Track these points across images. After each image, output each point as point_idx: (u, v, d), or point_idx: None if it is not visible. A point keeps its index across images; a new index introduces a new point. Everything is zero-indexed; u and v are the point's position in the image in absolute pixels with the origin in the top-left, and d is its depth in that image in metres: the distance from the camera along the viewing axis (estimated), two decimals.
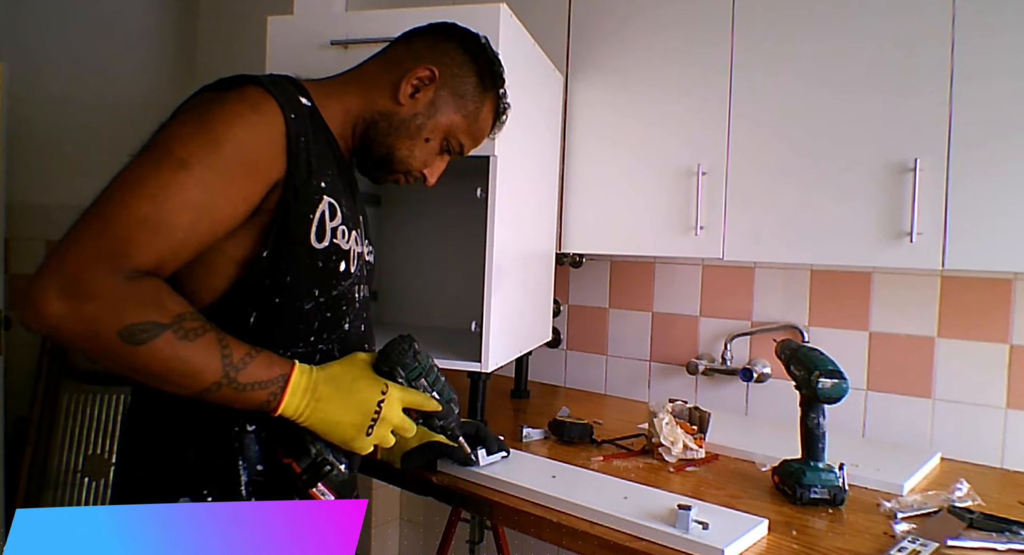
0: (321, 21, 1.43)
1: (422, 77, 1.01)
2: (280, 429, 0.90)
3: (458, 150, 1.09)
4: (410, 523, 2.53)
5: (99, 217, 0.77)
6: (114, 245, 0.76)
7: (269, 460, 0.90)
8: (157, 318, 0.76)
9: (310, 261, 0.91)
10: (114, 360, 0.76)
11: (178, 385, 0.80)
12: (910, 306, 1.65)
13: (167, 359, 0.77)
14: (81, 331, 0.74)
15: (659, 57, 1.68)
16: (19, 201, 2.40)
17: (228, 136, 0.83)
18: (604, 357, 2.14)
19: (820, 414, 1.23)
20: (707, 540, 1.00)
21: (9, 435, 2.34)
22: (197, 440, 0.88)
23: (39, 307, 0.73)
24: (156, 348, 0.76)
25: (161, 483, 0.88)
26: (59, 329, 0.73)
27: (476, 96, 1.06)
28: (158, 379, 0.79)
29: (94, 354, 0.76)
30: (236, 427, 0.89)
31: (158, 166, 0.80)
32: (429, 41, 1.05)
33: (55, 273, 0.74)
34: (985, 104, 1.31)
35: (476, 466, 1.28)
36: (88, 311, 0.73)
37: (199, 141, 0.82)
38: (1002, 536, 1.06)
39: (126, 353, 0.75)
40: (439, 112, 1.03)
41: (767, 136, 1.54)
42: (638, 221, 1.71)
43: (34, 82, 2.46)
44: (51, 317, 0.73)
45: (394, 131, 1.02)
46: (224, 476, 0.88)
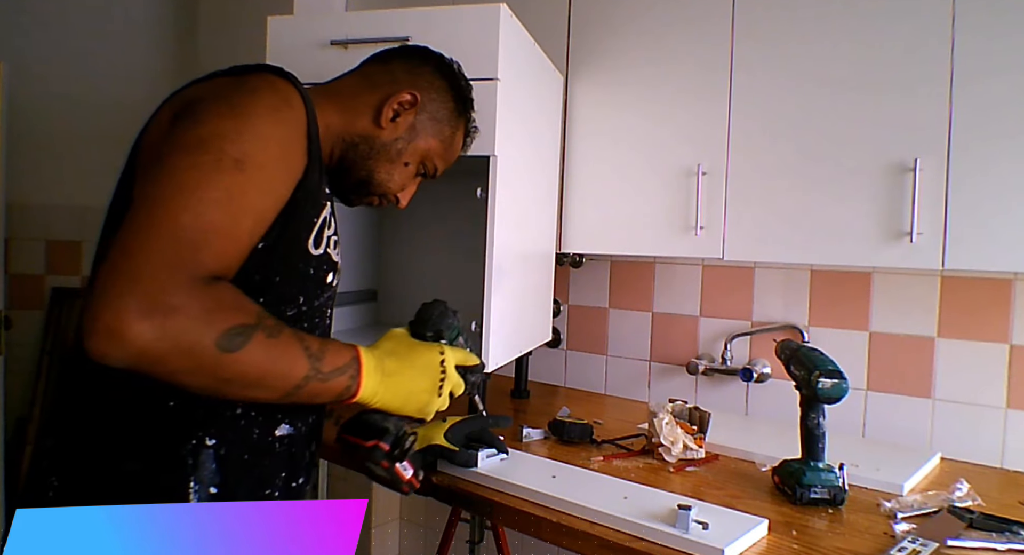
0: (321, 21, 1.43)
1: (404, 102, 1.00)
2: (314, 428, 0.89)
3: (432, 173, 1.09)
4: (410, 523, 2.53)
5: (166, 226, 0.70)
6: (188, 253, 0.70)
7: (225, 479, 0.82)
8: (244, 320, 0.72)
9: (303, 266, 0.88)
10: (211, 373, 0.71)
11: (272, 387, 0.76)
12: (910, 306, 1.65)
13: (262, 361, 0.74)
14: (174, 348, 0.67)
15: (659, 57, 1.68)
16: (19, 201, 2.40)
17: (272, 134, 0.80)
18: (604, 357, 2.14)
19: (820, 414, 1.23)
20: (707, 540, 1.00)
21: (9, 435, 2.34)
22: (140, 452, 0.79)
23: (121, 333, 0.64)
24: (251, 351, 0.72)
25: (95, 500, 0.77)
26: (148, 352, 0.66)
27: (452, 121, 1.07)
28: (252, 385, 0.74)
29: (185, 372, 0.70)
30: (194, 440, 0.81)
31: (217, 168, 0.74)
32: (407, 64, 1.04)
33: (129, 291, 0.65)
34: (985, 104, 1.31)
35: (475, 467, 1.28)
36: (178, 326, 0.67)
37: (248, 138, 0.77)
38: (1002, 536, 1.06)
39: (225, 362, 0.70)
40: (418, 136, 1.03)
41: (767, 136, 1.54)
42: (638, 221, 1.71)
43: (34, 82, 2.46)
44: (138, 340, 0.65)
45: (375, 154, 1.01)
46: (168, 496, 0.79)
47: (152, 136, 0.84)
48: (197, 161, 0.74)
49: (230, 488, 0.84)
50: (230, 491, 0.84)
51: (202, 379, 0.72)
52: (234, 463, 0.84)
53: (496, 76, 1.31)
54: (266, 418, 0.88)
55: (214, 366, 0.70)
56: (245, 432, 0.85)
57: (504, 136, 1.35)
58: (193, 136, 0.76)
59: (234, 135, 0.76)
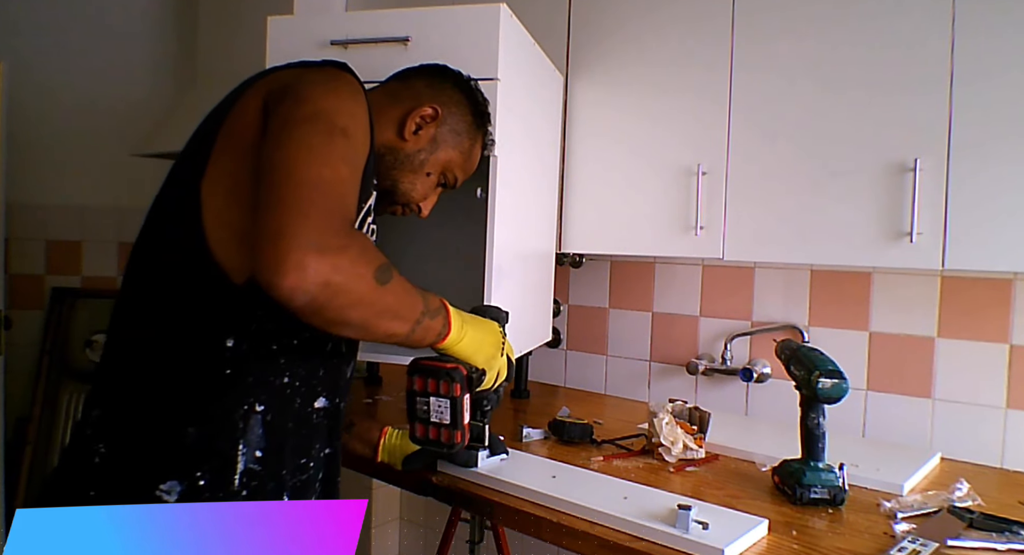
0: (321, 21, 1.43)
1: (426, 115, 1.06)
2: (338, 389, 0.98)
3: (452, 183, 1.15)
4: (410, 523, 2.53)
5: (311, 179, 0.78)
6: (337, 201, 0.79)
7: (270, 444, 0.89)
8: (383, 258, 0.82)
9: None
10: (371, 304, 0.80)
11: (405, 318, 0.87)
12: (910, 306, 1.65)
13: (401, 294, 0.84)
14: (347, 280, 0.76)
15: (659, 57, 1.68)
16: (19, 201, 2.40)
17: (358, 112, 0.88)
18: (604, 357, 2.14)
19: (820, 414, 1.23)
20: (707, 540, 1.00)
21: (9, 435, 2.34)
22: (200, 418, 0.85)
23: (304, 270, 0.72)
24: (394, 286, 0.83)
25: (144, 463, 0.84)
26: (330, 284, 0.74)
27: (471, 133, 1.13)
28: (395, 315, 0.85)
29: (352, 305, 0.78)
30: (245, 406, 0.87)
31: (332, 135, 0.83)
32: (428, 80, 1.11)
33: (303, 236, 0.73)
34: (985, 104, 1.31)
35: (475, 467, 1.28)
36: (349, 259, 0.76)
37: (345, 114, 0.86)
38: (1002, 536, 1.06)
39: (380, 294, 0.80)
40: (439, 148, 1.09)
41: (767, 136, 1.54)
42: (638, 221, 1.71)
43: (34, 82, 2.46)
44: (320, 274, 0.73)
45: (399, 165, 1.07)
46: (221, 458, 0.86)
47: (245, 119, 0.89)
48: (316, 129, 0.83)
49: (273, 453, 0.89)
50: (273, 455, 0.89)
51: (363, 312, 0.80)
52: (279, 430, 0.90)
53: (496, 76, 1.31)
54: (308, 390, 0.94)
55: (373, 298, 0.80)
56: (289, 401, 0.91)
57: (504, 136, 1.35)
58: (304, 111, 0.84)
59: (335, 111, 0.85)
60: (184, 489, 0.84)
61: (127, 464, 0.85)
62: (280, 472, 0.91)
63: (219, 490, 0.85)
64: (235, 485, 0.86)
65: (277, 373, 0.89)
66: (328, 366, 0.96)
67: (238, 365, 0.86)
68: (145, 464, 0.84)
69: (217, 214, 0.85)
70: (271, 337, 0.88)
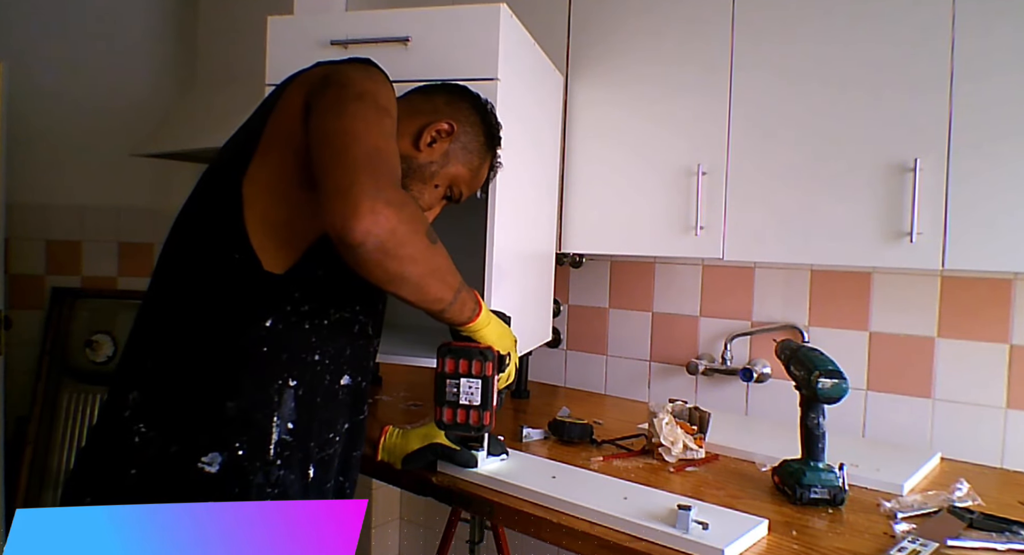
0: (321, 21, 1.43)
1: (442, 129, 1.10)
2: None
3: (457, 197, 1.18)
4: (410, 523, 2.53)
5: (370, 147, 0.84)
6: (392, 168, 0.86)
7: (301, 417, 0.94)
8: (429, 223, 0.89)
9: None
10: (426, 261, 0.86)
11: (448, 285, 0.94)
12: (910, 306, 1.65)
13: (446, 258, 0.92)
14: (410, 232, 0.82)
15: (659, 57, 1.68)
16: (19, 201, 2.40)
17: (392, 98, 0.97)
18: (604, 357, 2.14)
19: (820, 414, 1.23)
20: (707, 540, 1.00)
21: (9, 435, 2.34)
22: (239, 392, 0.90)
23: (377, 215, 0.78)
24: (440, 248, 0.90)
25: (185, 438, 0.89)
26: (395, 232, 0.80)
27: (481, 153, 1.17)
28: (442, 277, 0.92)
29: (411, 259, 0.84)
30: (279, 381, 0.93)
31: (378, 112, 0.90)
32: (447, 97, 1.16)
33: (374, 188, 0.80)
34: (985, 104, 1.31)
35: (475, 467, 1.28)
36: (409, 213, 0.83)
37: (384, 96, 0.94)
38: (1002, 536, 1.06)
39: (433, 253, 0.88)
40: (450, 162, 1.13)
41: (767, 136, 1.54)
42: (638, 221, 1.71)
43: (34, 82, 2.46)
44: (390, 220, 0.79)
45: (410, 174, 1.09)
46: (258, 430, 0.91)
47: (290, 114, 0.94)
48: (367, 106, 0.90)
49: (303, 425, 0.95)
50: (303, 428, 0.95)
51: (419, 268, 0.86)
52: (308, 404, 0.96)
53: (496, 76, 1.31)
54: (336, 367, 1.00)
55: (428, 255, 0.87)
56: (319, 377, 0.97)
57: (504, 136, 1.34)
58: (352, 92, 0.91)
59: (377, 92, 0.93)
60: (224, 459, 0.89)
61: (169, 441, 0.89)
62: (308, 443, 0.96)
63: (256, 459, 0.91)
64: (271, 454, 0.92)
65: (309, 351, 0.95)
66: (355, 346, 1.02)
67: (275, 343, 0.92)
68: (187, 439, 0.89)
69: (258, 210, 0.91)
70: (305, 317, 0.95)
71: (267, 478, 0.91)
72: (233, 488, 0.89)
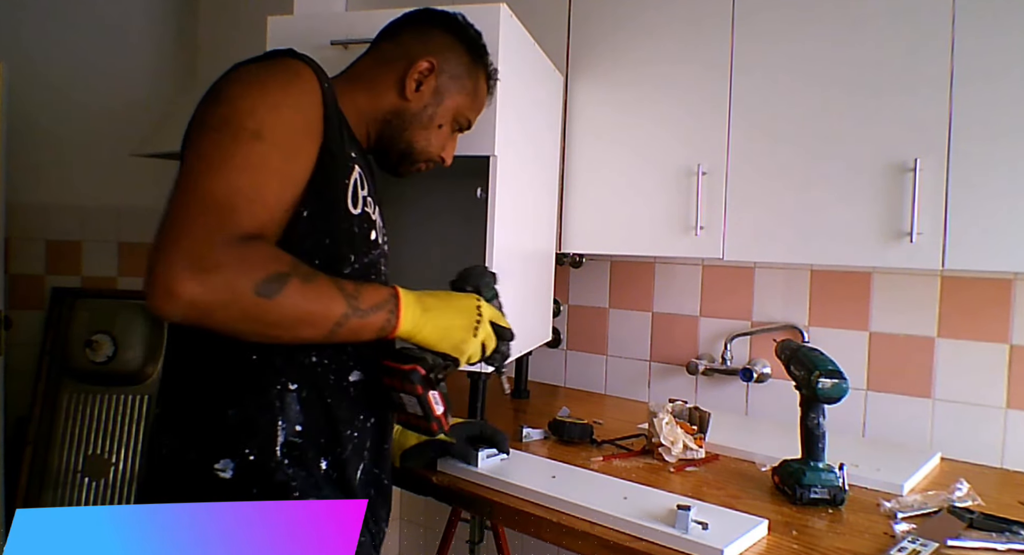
0: (321, 21, 1.43)
1: (422, 70, 1.06)
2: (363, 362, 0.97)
3: (466, 126, 1.15)
4: (410, 523, 2.53)
5: (198, 194, 0.79)
6: (221, 217, 0.79)
7: (308, 418, 0.93)
8: (279, 268, 0.80)
9: (347, 226, 0.95)
10: (255, 318, 0.79)
11: (313, 326, 0.84)
12: (910, 306, 1.65)
13: (300, 303, 0.81)
14: (219, 300, 0.76)
15: (659, 57, 1.68)
16: (19, 201, 2.40)
17: (285, 101, 0.87)
18: (604, 357, 2.14)
19: (820, 414, 1.23)
20: (707, 540, 1.00)
21: (9, 435, 2.34)
22: (239, 400, 0.90)
23: (172, 289, 0.74)
24: (288, 296, 0.80)
25: (199, 447, 0.90)
26: (196, 305, 0.75)
27: (472, 73, 1.12)
28: (295, 325, 0.83)
29: (234, 320, 0.79)
30: (278, 386, 0.91)
31: (236, 140, 0.82)
32: (414, 32, 1.10)
33: (176, 255, 0.75)
34: (985, 104, 1.31)
35: (475, 466, 1.28)
36: (221, 279, 0.76)
37: (263, 111, 0.85)
38: (1002, 536, 1.06)
39: (266, 308, 0.79)
40: (445, 97, 1.09)
41: (767, 136, 1.54)
42: (638, 221, 1.71)
43: (34, 82, 2.45)
44: (187, 295, 0.74)
45: (408, 125, 1.07)
46: (264, 435, 0.90)
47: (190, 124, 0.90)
48: (220, 136, 0.83)
49: (313, 427, 0.93)
50: (313, 429, 0.93)
51: (250, 325, 0.80)
52: (315, 405, 0.93)
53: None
54: (339, 365, 0.96)
55: (256, 312, 0.79)
56: (322, 378, 0.94)
57: (504, 136, 1.35)
58: (214, 116, 0.85)
59: (249, 110, 0.84)
60: (237, 464, 0.89)
61: (187, 451, 0.90)
62: (320, 441, 0.94)
63: (268, 461, 0.90)
64: (278, 455, 0.91)
65: (304, 353, 0.92)
66: (357, 343, 0.97)
67: (262, 349, 0.89)
68: (201, 448, 0.90)
69: None
70: None
71: (285, 476, 0.91)
72: (251, 489, 0.89)
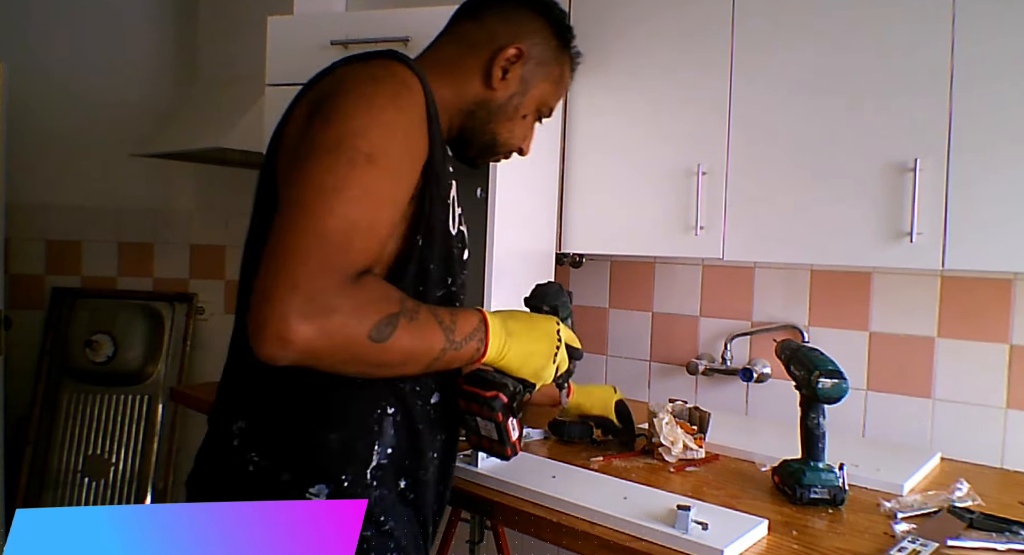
0: (321, 21, 1.43)
1: (510, 56, 0.99)
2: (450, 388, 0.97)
3: (548, 114, 1.10)
4: None
5: (312, 230, 0.75)
6: (337, 254, 0.75)
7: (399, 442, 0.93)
8: (391, 309, 0.78)
9: (447, 248, 0.93)
10: (365, 361, 0.78)
11: (416, 362, 0.83)
12: (910, 306, 1.65)
13: (408, 345, 0.80)
14: (333, 345, 0.74)
15: (660, 57, 1.68)
16: (19, 201, 2.40)
17: (396, 120, 0.83)
18: (604, 357, 2.14)
19: (820, 414, 1.23)
20: (706, 540, 1.00)
21: (9, 435, 2.34)
22: (341, 425, 0.89)
23: (286, 336, 0.71)
24: (399, 338, 0.78)
25: (295, 469, 0.88)
26: (312, 350, 0.72)
27: (559, 58, 1.06)
28: (399, 365, 0.82)
29: (343, 363, 0.77)
30: (379, 410, 0.90)
31: (352, 166, 0.78)
32: (500, 13, 1.02)
33: (290, 297, 0.71)
34: (985, 105, 1.31)
35: (475, 467, 1.28)
36: (336, 324, 0.73)
37: (376, 131, 0.81)
38: (1002, 536, 1.06)
39: (378, 351, 0.77)
40: (531, 86, 1.03)
41: (767, 136, 1.54)
42: (638, 221, 1.71)
43: (34, 82, 2.46)
44: (302, 341, 0.71)
45: (494, 117, 1.02)
46: (361, 459, 0.89)
47: (291, 133, 0.86)
48: (333, 162, 0.78)
49: (402, 449, 0.93)
50: (400, 451, 0.93)
51: (358, 367, 0.79)
52: (406, 428, 0.93)
53: None
54: (424, 389, 0.95)
55: (368, 355, 0.77)
56: (413, 402, 0.94)
57: None
58: (326, 137, 0.80)
59: (363, 130, 0.80)
60: (331, 490, 0.87)
61: (280, 470, 0.88)
62: (404, 462, 0.94)
63: (359, 486, 0.89)
64: (368, 478, 0.90)
65: (401, 378, 0.91)
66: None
67: None
68: (295, 468, 0.88)
69: None
70: None
71: (371, 498, 0.89)
72: None
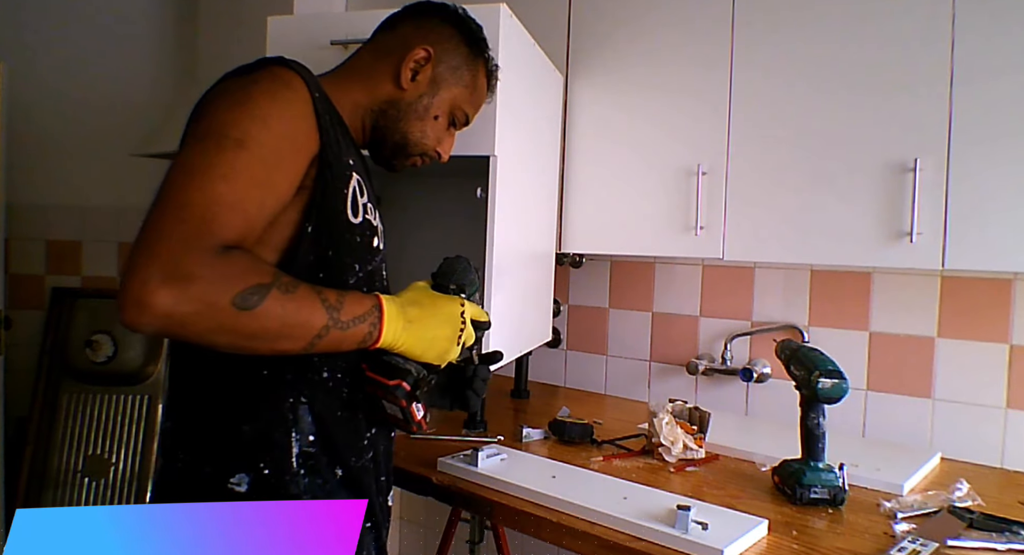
0: (321, 21, 1.43)
1: (419, 59, 1.04)
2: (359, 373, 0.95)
3: (464, 121, 1.13)
4: (410, 523, 2.53)
5: (176, 203, 0.77)
6: (199, 226, 0.77)
7: (321, 430, 0.93)
8: (260, 280, 0.78)
9: (349, 236, 0.94)
10: (232, 330, 0.77)
11: (293, 338, 0.82)
12: (910, 306, 1.65)
13: (280, 315, 0.80)
14: (194, 311, 0.74)
15: (659, 57, 1.68)
16: (19, 201, 2.40)
17: (271, 112, 0.86)
18: (604, 357, 2.14)
19: (820, 414, 1.23)
20: (706, 541, 1.00)
21: (9, 435, 2.34)
22: (252, 415, 0.90)
23: (145, 301, 0.72)
24: (268, 307, 0.78)
25: (214, 462, 0.90)
26: (171, 316, 0.73)
27: (470, 65, 1.10)
28: (274, 338, 0.81)
29: (210, 332, 0.77)
30: (290, 399, 0.91)
31: (220, 150, 0.81)
32: (413, 22, 1.09)
33: (150, 264, 0.73)
34: (985, 104, 1.31)
35: (475, 467, 1.29)
36: (196, 290, 0.74)
37: (247, 120, 0.84)
38: (1002, 536, 1.06)
39: (244, 320, 0.77)
40: (441, 88, 1.07)
41: (767, 136, 1.54)
42: (638, 221, 1.71)
43: (34, 82, 2.46)
44: (161, 306, 0.72)
45: (403, 116, 1.06)
46: (279, 448, 0.90)
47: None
48: (202, 147, 0.82)
49: (328, 438, 0.93)
50: (328, 440, 0.93)
51: (227, 337, 0.78)
52: (329, 419, 0.94)
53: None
54: (352, 380, 0.96)
55: (234, 324, 0.77)
56: (335, 393, 0.94)
57: (504, 136, 1.35)
58: (200, 128, 0.84)
59: (235, 119, 0.83)
60: (252, 479, 0.89)
61: (201, 465, 0.91)
62: (333, 450, 0.94)
63: (283, 474, 0.90)
64: (294, 466, 0.91)
65: (314, 369, 0.92)
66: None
67: (273, 365, 0.90)
68: (216, 463, 0.90)
69: None
70: None
71: (298, 487, 0.91)
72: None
